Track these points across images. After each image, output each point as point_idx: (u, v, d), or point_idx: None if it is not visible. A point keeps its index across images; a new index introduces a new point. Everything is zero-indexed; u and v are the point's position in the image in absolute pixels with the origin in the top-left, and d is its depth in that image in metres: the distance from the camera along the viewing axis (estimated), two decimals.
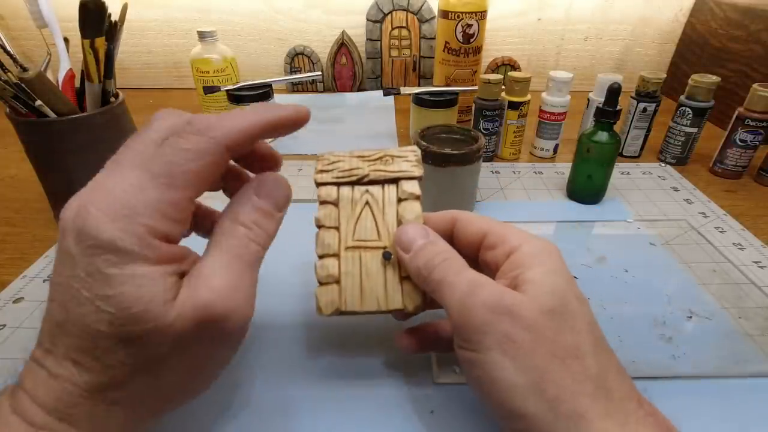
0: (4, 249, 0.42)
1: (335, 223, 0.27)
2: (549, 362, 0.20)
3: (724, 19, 0.74)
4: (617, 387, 0.20)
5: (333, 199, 0.27)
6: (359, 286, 0.26)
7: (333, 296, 0.26)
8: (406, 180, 0.27)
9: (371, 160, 0.27)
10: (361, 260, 0.26)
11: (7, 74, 0.37)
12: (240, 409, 0.28)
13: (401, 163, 0.27)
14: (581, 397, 0.19)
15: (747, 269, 0.40)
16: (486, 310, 0.21)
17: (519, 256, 0.23)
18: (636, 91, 0.58)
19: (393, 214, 0.27)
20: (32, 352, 0.18)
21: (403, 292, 0.26)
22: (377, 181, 0.27)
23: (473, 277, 0.23)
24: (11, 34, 0.86)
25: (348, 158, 0.28)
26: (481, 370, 0.21)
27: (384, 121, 0.74)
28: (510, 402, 0.20)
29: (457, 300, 0.22)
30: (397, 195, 0.27)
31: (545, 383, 0.19)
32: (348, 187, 0.27)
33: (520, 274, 0.22)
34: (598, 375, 0.20)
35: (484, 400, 0.22)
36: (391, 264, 0.26)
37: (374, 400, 0.28)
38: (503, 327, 0.20)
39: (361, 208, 0.27)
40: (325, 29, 0.87)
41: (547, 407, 0.19)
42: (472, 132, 0.45)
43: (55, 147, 0.40)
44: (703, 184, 0.55)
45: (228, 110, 0.65)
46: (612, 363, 0.21)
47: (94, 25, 0.38)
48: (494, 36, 0.87)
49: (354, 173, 0.27)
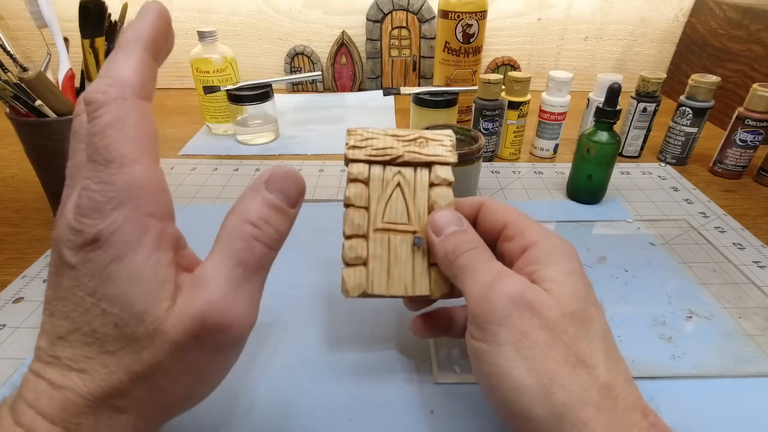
0: (4, 249, 0.42)
1: (365, 203, 0.26)
2: (561, 367, 0.19)
3: (724, 19, 0.74)
4: (624, 396, 0.20)
5: (364, 177, 0.26)
6: (387, 270, 0.25)
7: (360, 279, 0.25)
8: (440, 165, 0.26)
9: (406, 141, 0.26)
10: (390, 243, 0.26)
11: (7, 74, 0.37)
12: (240, 410, 0.28)
13: (436, 147, 0.26)
14: (587, 406, 0.19)
15: (747, 269, 0.40)
16: (508, 302, 0.21)
17: (536, 252, 0.23)
18: (636, 91, 0.58)
19: (424, 198, 0.26)
20: (30, 365, 0.18)
21: (431, 278, 0.25)
22: (410, 163, 0.26)
23: (499, 269, 0.22)
24: (11, 34, 0.86)
25: (383, 136, 0.26)
26: (490, 364, 0.21)
27: (384, 121, 0.74)
28: (516, 402, 0.20)
29: (478, 288, 0.22)
30: (429, 179, 0.26)
31: (554, 387, 0.19)
32: (380, 167, 0.26)
33: (537, 270, 0.22)
34: (607, 384, 0.19)
35: (489, 397, 0.22)
36: (420, 250, 0.26)
37: (374, 400, 0.28)
38: (522, 323, 0.20)
39: (392, 190, 0.26)
40: (325, 29, 0.87)
41: (553, 412, 0.19)
42: (472, 132, 0.45)
43: (55, 147, 0.40)
44: (703, 184, 0.55)
45: (226, 108, 0.65)
46: (621, 372, 0.20)
47: (94, 25, 0.38)
48: (494, 36, 0.87)
49: (388, 153, 0.26)
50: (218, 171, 0.57)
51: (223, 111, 0.66)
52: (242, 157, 0.61)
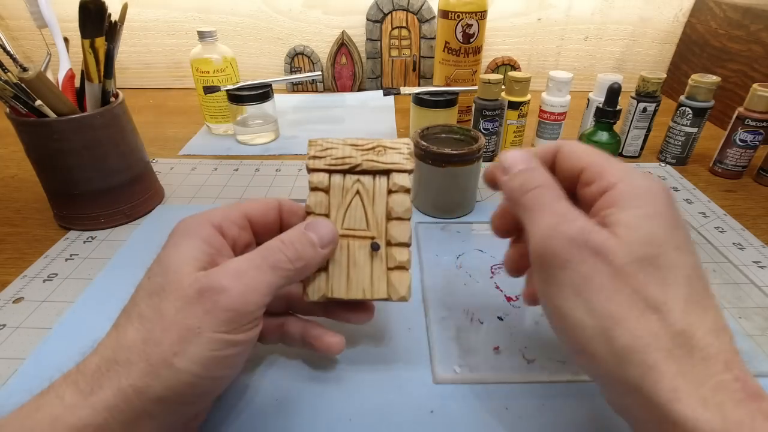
0: (4, 249, 0.42)
1: (325, 211, 0.27)
2: (627, 311, 0.19)
3: (724, 19, 0.74)
4: (703, 346, 0.18)
5: (324, 186, 0.27)
6: (346, 274, 0.26)
7: (321, 283, 0.26)
8: (398, 173, 0.27)
9: (364, 150, 0.27)
10: (349, 249, 0.26)
11: (7, 74, 0.37)
12: (240, 410, 0.28)
13: (394, 155, 0.27)
14: (654, 351, 0.18)
15: (747, 269, 0.40)
16: (571, 245, 0.20)
17: (614, 195, 0.21)
18: (636, 91, 0.58)
19: (383, 205, 0.27)
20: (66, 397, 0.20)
21: (388, 282, 0.26)
22: (369, 172, 0.27)
23: (564, 209, 0.21)
24: (11, 34, 0.86)
25: (341, 146, 0.27)
26: (552, 303, 0.21)
27: (384, 121, 0.74)
28: (579, 341, 0.20)
29: (541, 228, 0.21)
30: (387, 186, 0.27)
31: (616, 331, 0.18)
32: (339, 175, 0.27)
33: (612, 214, 0.20)
34: (683, 331, 0.18)
35: (555, 332, 0.22)
36: (378, 255, 0.26)
37: (374, 400, 0.28)
38: (584, 268, 0.19)
39: (352, 197, 0.27)
40: (325, 29, 0.87)
41: (616, 354, 0.19)
42: (472, 132, 0.45)
43: (55, 147, 0.40)
44: (703, 184, 0.55)
45: (226, 108, 0.65)
46: (706, 320, 0.19)
47: (94, 25, 0.38)
48: (494, 36, 0.87)
49: (347, 162, 0.27)
50: (218, 171, 0.57)
51: (223, 111, 0.66)
52: (242, 157, 0.61)
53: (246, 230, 0.27)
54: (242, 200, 0.49)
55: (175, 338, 0.20)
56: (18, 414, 0.19)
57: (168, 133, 0.69)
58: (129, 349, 0.20)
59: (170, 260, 0.23)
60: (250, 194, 0.52)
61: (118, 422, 0.19)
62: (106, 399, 0.19)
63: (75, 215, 0.44)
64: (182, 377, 0.20)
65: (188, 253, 0.23)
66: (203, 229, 0.24)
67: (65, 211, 0.44)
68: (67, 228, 0.45)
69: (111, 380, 0.20)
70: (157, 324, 0.21)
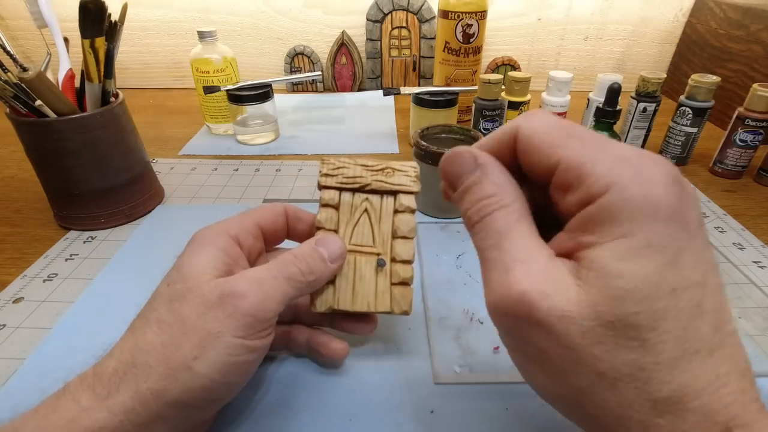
0: (4, 249, 0.42)
1: (335, 226, 0.28)
2: (594, 383, 0.15)
3: (724, 19, 0.74)
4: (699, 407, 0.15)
5: (335, 203, 0.28)
6: (352, 288, 0.27)
7: (328, 295, 0.27)
8: (405, 194, 0.28)
9: (374, 171, 0.28)
10: (356, 264, 0.28)
11: (7, 74, 0.37)
12: (240, 410, 0.28)
13: (401, 177, 0.28)
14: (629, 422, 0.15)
15: (747, 269, 0.40)
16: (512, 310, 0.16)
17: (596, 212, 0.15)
18: (636, 91, 0.58)
19: (389, 223, 0.28)
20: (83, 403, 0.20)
21: (392, 297, 0.27)
22: (377, 191, 0.28)
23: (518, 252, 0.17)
24: (11, 34, 0.86)
25: (353, 166, 0.28)
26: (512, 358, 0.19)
27: (384, 121, 0.74)
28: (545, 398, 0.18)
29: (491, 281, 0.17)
30: (394, 206, 0.28)
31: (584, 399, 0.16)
32: (349, 193, 0.28)
33: (587, 245, 0.16)
34: (669, 397, 0.15)
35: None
36: (383, 270, 0.28)
37: (374, 400, 0.28)
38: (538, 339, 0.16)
39: (360, 215, 0.28)
40: (325, 29, 0.87)
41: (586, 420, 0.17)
42: (472, 132, 0.45)
43: (55, 147, 0.40)
44: (703, 184, 0.55)
45: (226, 108, 0.65)
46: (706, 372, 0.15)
47: (94, 25, 0.38)
48: (494, 36, 0.87)
49: (357, 181, 0.28)
50: (218, 171, 0.57)
51: (223, 111, 0.66)
52: (242, 157, 0.61)
53: (259, 239, 0.28)
54: (242, 200, 0.50)
55: (195, 342, 0.21)
56: (34, 415, 0.20)
57: (168, 133, 0.69)
58: (148, 352, 0.21)
59: (190, 268, 0.23)
60: (250, 194, 0.52)
61: (132, 425, 0.20)
62: (123, 402, 0.20)
63: (75, 215, 0.44)
64: (200, 381, 0.21)
65: (207, 261, 0.23)
66: (221, 239, 0.25)
67: (65, 211, 0.44)
68: (67, 228, 0.45)
69: (129, 383, 0.20)
70: (178, 328, 0.21)
